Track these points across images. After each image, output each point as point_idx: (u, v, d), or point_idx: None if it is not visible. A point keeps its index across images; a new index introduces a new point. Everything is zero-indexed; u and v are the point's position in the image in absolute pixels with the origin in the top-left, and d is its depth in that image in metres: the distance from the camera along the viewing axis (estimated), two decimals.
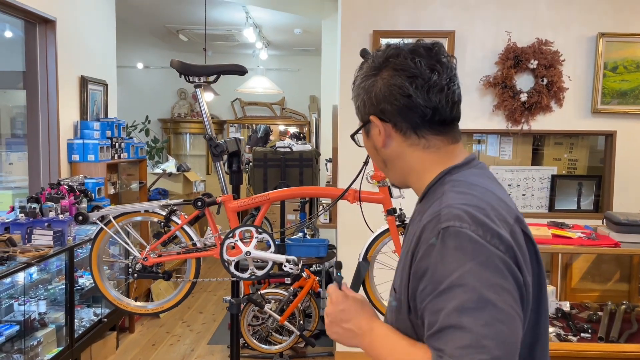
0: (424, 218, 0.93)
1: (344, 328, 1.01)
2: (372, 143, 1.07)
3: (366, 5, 3.42)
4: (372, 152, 1.09)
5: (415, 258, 0.91)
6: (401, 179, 1.09)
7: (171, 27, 6.37)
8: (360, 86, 1.05)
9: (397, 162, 1.06)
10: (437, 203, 0.94)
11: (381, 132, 1.03)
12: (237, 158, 2.14)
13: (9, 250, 2.69)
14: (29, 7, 3.43)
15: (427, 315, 0.86)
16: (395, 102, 0.99)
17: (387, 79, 1.00)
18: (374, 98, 1.02)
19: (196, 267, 1.96)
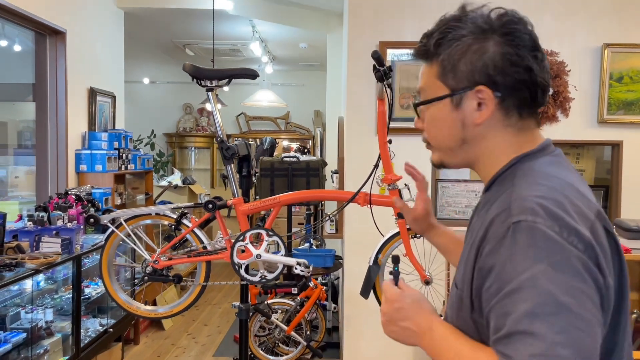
0: (492, 210, 0.86)
1: (401, 327, 0.94)
2: (460, 116, 0.92)
3: (373, 16, 3.46)
4: (452, 128, 0.94)
5: (481, 254, 0.84)
6: (469, 162, 0.97)
7: (178, 42, 6.44)
8: (466, 43, 0.89)
9: (478, 143, 0.94)
10: (507, 194, 0.85)
11: (488, 106, 0.90)
12: (247, 162, 2.15)
13: (17, 257, 2.69)
14: (40, 19, 3.48)
15: (494, 317, 0.78)
16: (514, 74, 0.88)
17: (504, 46, 0.88)
18: (489, 64, 0.88)
19: (206, 271, 1.96)
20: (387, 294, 0.98)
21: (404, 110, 3.43)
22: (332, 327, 4.51)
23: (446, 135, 0.95)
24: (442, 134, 0.96)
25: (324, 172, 3.86)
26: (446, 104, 0.93)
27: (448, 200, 3.55)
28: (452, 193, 3.56)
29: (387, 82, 1.78)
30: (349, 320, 3.55)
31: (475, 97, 0.90)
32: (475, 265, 0.85)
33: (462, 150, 0.96)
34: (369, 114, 3.47)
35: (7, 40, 3.85)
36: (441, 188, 3.55)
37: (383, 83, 1.79)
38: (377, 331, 3.67)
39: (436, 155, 1.01)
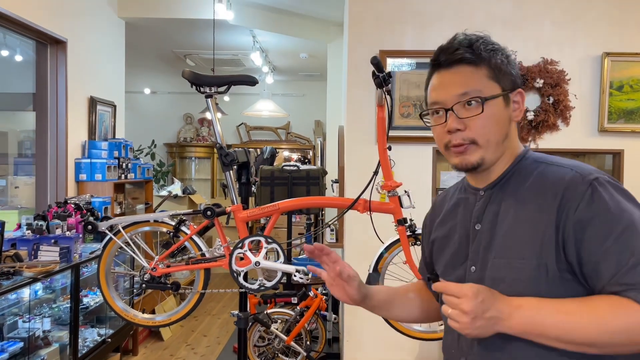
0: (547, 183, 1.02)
1: (487, 318, 0.96)
2: (508, 113, 1.09)
3: (373, 25, 3.47)
4: (503, 123, 1.08)
5: (567, 215, 0.97)
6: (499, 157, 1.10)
7: (179, 52, 6.46)
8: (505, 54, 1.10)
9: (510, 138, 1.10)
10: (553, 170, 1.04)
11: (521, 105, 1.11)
12: (247, 170, 2.14)
13: (15, 266, 2.68)
14: (41, 28, 3.49)
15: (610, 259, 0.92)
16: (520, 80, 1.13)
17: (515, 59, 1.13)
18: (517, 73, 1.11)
19: (205, 278, 1.94)
20: (463, 292, 0.97)
21: (405, 118, 3.43)
22: (333, 337, 4.47)
23: (499, 129, 1.07)
24: (496, 129, 1.07)
25: (324, 181, 3.85)
26: (502, 102, 1.07)
27: None
28: None
29: (387, 88, 1.77)
30: (349, 330, 3.52)
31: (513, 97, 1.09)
32: (558, 229, 0.97)
33: (503, 145, 1.09)
34: (369, 123, 3.47)
35: (8, 50, 3.86)
36: None
37: (382, 89, 1.79)
38: (378, 342, 3.65)
39: (477, 153, 1.07)
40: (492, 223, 1.08)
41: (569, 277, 0.98)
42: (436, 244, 1.24)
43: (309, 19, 5.55)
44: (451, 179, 3.55)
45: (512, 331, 0.97)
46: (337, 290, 1.23)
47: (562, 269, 0.98)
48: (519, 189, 1.06)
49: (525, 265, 1.00)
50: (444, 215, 1.23)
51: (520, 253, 1.01)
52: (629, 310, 0.90)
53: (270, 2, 5.05)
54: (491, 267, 1.05)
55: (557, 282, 0.98)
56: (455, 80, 1.07)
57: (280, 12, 5.35)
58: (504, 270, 1.03)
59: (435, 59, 1.11)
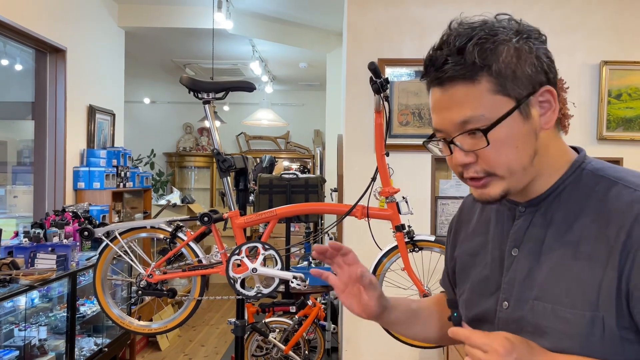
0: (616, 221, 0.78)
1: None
2: (531, 126, 0.82)
3: (371, 33, 3.48)
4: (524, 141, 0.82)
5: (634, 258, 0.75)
6: (532, 179, 0.86)
7: (178, 62, 6.48)
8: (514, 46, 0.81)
9: (545, 154, 0.85)
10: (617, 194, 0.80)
11: (553, 107, 0.84)
12: (244, 177, 2.14)
13: (12, 273, 2.66)
14: (40, 36, 3.50)
15: None
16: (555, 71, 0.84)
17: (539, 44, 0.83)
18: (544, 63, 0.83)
19: (201, 285, 1.93)
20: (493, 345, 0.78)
21: (403, 127, 3.43)
22: (332, 347, 4.43)
23: (521, 152, 0.82)
24: (519, 154, 0.82)
25: (323, 189, 3.84)
26: (516, 118, 0.81)
27: (448, 218, 3.52)
28: (452, 211, 3.53)
29: (384, 94, 1.77)
30: (348, 340, 3.49)
31: (537, 101, 0.82)
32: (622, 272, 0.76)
33: (532, 166, 0.84)
34: (367, 131, 3.46)
35: (7, 59, 3.87)
36: (440, 205, 3.53)
37: (380, 95, 1.79)
38: (377, 352, 3.62)
39: (500, 185, 0.84)
40: (534, 252, 0.86)
41: (631, 337, 0.77)
42: (459, 262, 1.04)
43: (308, 29, 5.57)
44: (451, 188, 3.54)
45: None
46: (350, 299, 1.00)
47: (623, 327, 0.77)
48: (573, 212, 0.84)
49: (575, 317, 0.80)
50: (474, 226, 1.02)
51: (571, 301, 0.80)
52: None
53: (270, 11, 5.08)
54: (530, 311, 0.85)
55: (616, 342, 0.78)
56: (451, 105, 0.82)
57: (279, 22, 5.37)
58: (548, 319, 0.82)
59: (423, 74, 0.87)
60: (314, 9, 4.96)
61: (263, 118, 6.18)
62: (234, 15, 4.80)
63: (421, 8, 3.47)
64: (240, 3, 4.77)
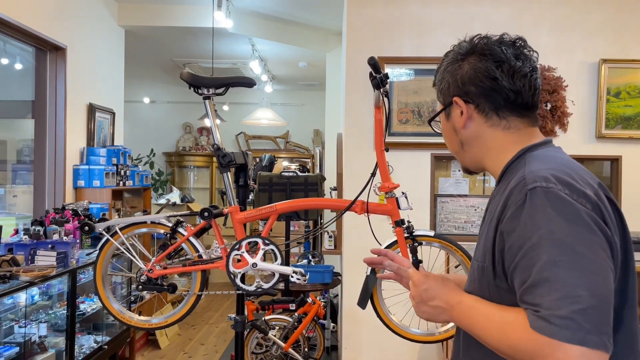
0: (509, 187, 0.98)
1: (431, 306, 1.06)
2: (451, 125, 1.14)
3: (371, 32, 3.48)
4: (450, 135, 1.15)
5: (502, 220, 0.95)
6: (477, 160, 1.14)
7: (178, 61, 6.49)
8: (447, 70, 1.13)
9: (475, 143, 1.12)
10: (521, 172, 0.98)
11: (463, 113, 1.10)
12: (244, 172, 2.14)
13: (12, 270, 2.66)
14: (40, 34, 3.51)
15: (518, 274, 0.90)
16: (481, 83, 1.07)
17: (474, 62, 1.08)
18: (459, 80, 1.10)
19: (202, 280, 1.93)
20: (413, 279, 1.11)
21: (403, 125, 3.44)
22: (331, 346, 4.44)
23: (450, 141, 1.18)
24: (448, 141, 1.18)
25: (323, 188, 3.84)
26: (443, 117, 1.17)
27: (447, 216, 3.53)
28: (451, 209, 3.54)
29: (384, 89, 1.78)
30: (347, 337, 3.50)
31: (456, 107, 1.12)
32: (496, 234, 0.97)
33: (464, 152, 1.15)
34: (367, 130, 3.47)
35: (8, 58, 3.88)
36: (440, 203, 3.54)
37: (380, 90, 1.79)
38: (376, 349, 3.62)
39: (459, 161, 1.21)
40: (482, 225, 1.13)
41: (503, 286, 0.97)
42: None
43: (308, 28, 5.58)
44: (450, 186, 3.55)
45: (454, 321, 1.04)
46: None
47: (497, 276, 0.98)
48: (501, 191, 1.05)
49: (475, 266, 1.06)
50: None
51: (477, 254, 1.07)
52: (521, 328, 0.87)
53: (270, 10, 5.09)
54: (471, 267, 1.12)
55: (493, 288, 0.99)
56: None
57: (279, 21, 5.38)
58: (474, 272, 1.07)
59: None
60: (313, 8, 4.97)
61: (262, 117, 6.19)
62: (233, 14, 4.80)
63: (420, 7, 3.48)
64: (239, 2, 4.78)
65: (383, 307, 1.97)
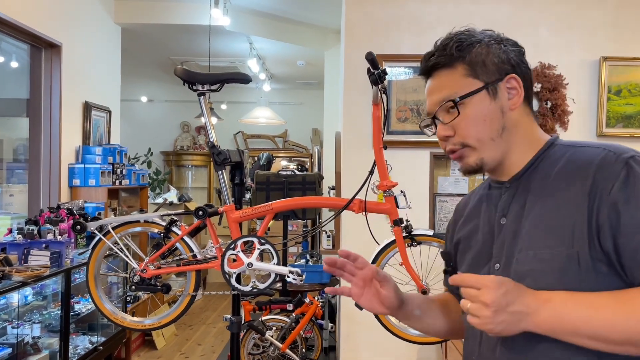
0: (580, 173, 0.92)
1: (510, 312, 0.87)
2: (497, 106, 1.01)
3: (369, 30, 3.45)
4: (493, 117, 1.01)
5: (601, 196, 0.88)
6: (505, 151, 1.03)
7: (175, 59, 6.45)
8: (491, 45, 1.03)
9: (515, 131, 1.02)
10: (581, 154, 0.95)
11: (519, 93, 1.02)
12: (240, 171, 2.10)
13: (5, 270, 2.62)
14: (36, 31, 3.46)
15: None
16: (525, 69, 1.04)
17: (512, 49, 1.04)
18: (512, 59, 1.02)
19: (196, 280, 1.89)
20: (483, 282, 0.88)
21: (402, 123, 3.40)
22: (329, 346, 4.41)
23: (489, 125, 1.01)
24: (486, 126, 1.01)
25: (321, 186, 3.81)
26: (484, 97, 1.01)
27: (446, 215, 3.49)
28: (450, 208, 3.51)
29: (382, 85, 1.74)
30: (346, 338, 3.46)
31: (505, 87, 1.02)
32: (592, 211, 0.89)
33: (502, 139, 1.02)
34: (365, 128, 3.44)
35: (2, 55, 3.84)
36: (439, 202, 3.50)
37: (378, 87, 1.75)
38: (375, 349, 3.58)
39: (474, 155, 1.03)
40: (519, 215, 0.99)
41: (604, 269, 0.88)
42: (460, 246, 1.16)
43: (306, 26, 5.54)
44: (449, 185, 3.51)
45: (539, 329, 0.88)
46: (370, 299, 1.10)
47: (596, 259, 0.88)
48: (547, 177, 0.98)
49: (553, 255, 0.91)
50: (467, 215, 1.16)
51: (548, 243, 0.92)
52: None
53: (267, 8, 5.05)
54: (516, 262, 0.96)
55: (591, 275, 0.88)
56: (435, 87, 1.06)
57: (277, 19, 5.34)
58: (531, 263, 0.94)
59: (420, 69, 1.11)
60: (311, 6, 4.93)
61: (261, 116, 6.15)
62: (231, 12, 4.76)
63: (419, 4, 3.44)
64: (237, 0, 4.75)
65: None
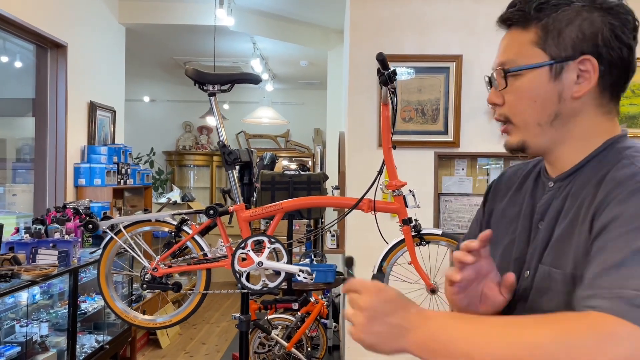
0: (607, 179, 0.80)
1: (388, 324, 0.76)
2: (557, 88, 0.85)
3: (373, 30, 3.47)
4: (548, 100, 0.85)
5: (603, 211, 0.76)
6: (553, 142, 0.89)
7: (178, 59, 6.46)
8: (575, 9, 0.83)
9: (571, 121, 0.86)
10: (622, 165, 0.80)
11: (590, 79, 0.83)
12: (249, 170, 2.12)
13: (13, 269, 2.64)
14: (42, 31, 3.48)
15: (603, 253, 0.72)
16: (618, 50, 0.83)
17: (611, 20, 0.83)
18: (601, 35, 0.82)
19: (206, 279, 1.91)
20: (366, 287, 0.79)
21: (406, 123, 3.42)
22: (333, 345, 4.42)
23: (538, 108, 0.86)
24: (534, 107, 0.87)
25: (325, 186, 3.83)
26: (543, 74, 0.85)
27: (451, 215, 3.51)
28: (455, 208, 3.52)
29: (392, 85, 1.76)
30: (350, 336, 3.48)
31: (576, 68, 0.84)
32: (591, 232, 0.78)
33: (552, 127, 0.87)
34: (370, 128, 3.45)
35: (8, 55, 3.85)
36: (443, 202, 3.52)
37: (387, 87, 1.77)
38: None
39: (517, 135, 0.90)
40: (552, 223, 0.88)
41: None
42: (493, 219, 1.03)
43: (310, 26, 5.56)
44: (454, 185, 3.53)
45: (413, 348, 0.75)
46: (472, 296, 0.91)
47: None
48: (585, 184, 0.85)
49: (559, 276, 0.83)
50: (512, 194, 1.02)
51: (560, 262, 0.83)
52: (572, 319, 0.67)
53: (271, 8, 5.07)
54: (537, 276, 0.88)
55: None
56: (504, 44, 0.91)
57: (280, 19, 5.36)
58: (545, 280, 0.86)
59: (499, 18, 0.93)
60: (315, 6, 4.95)
61: (263, 116, 6.17)
62: (235, 12, 4.78)
63: (423, 4, 3.46)
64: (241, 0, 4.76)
65: None
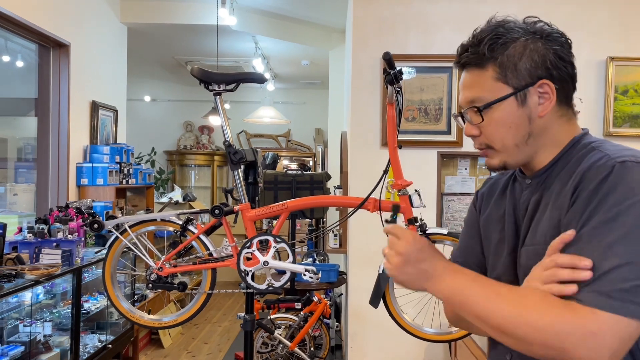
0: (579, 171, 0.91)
1: (418, 268, 0.96)
2: (526, 113, 0.97)
3: (376, 30, 3.46)
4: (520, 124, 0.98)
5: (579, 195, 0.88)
6: (530, 155, 1.01)
7: (180, 59, 6.46)
8: (522, 44, 0.97)
9: (542, 135, 0.99)
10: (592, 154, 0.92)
11: (550, 98, 0.96)
12: (254, 170, 2.12)
13: (17, 268, 2.64)
14: (44, 31, 3.48)
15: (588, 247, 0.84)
16: (563, 68, 0.97)
17: (551, 45, 0.97)
18: (548, 61, 0.96)
19: (212, 278, 1.91)
20: (405, 234, 0.98)
21: (409, 122, 3.42)
22: (335, 345, 4.43)
23: (514, 132, 0.99)
24: (511, 133, 0.99)
25: (327, 186, 3.82)
26: (512, 103, 0.98)
27: (454, 214, 3.51)
28: (457, 207, 3.52)
29: (398, 85, 1.75)
30: (353, 336, 3.48)
31: (536, 91, 0.97)
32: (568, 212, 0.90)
33: (527, 145, 1.00)
34: (372, 128, 3.45)
35: (10, 55, 3.85)
36: (446, 202, 3.52)
37: (393, 86, 1.77)
38: (382, 348, 3.59)
39: (498, 157, 1.03)
40: (532, 213, 1.01)
41: None
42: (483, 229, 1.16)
43: (311, 26, 5.56)
44: (456, 185, 3.53)
45: (438, 294, 0.95)
46: None
47: None
48: (558, 176, 0.98)
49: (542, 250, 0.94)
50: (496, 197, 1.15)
51: (544, 239, 0.95)
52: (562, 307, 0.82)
53: (273, 8, 5.06)
54: (522, 257, 1.01)
55: None
56: (466, 83, 1.03)
57: (282, 18, 5.35)
58: (533, 258, 0.96)
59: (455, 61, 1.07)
60: (316, 5, 4.95)
61: (265, 116, 6.17)
62: (237, 12, 4.78)
63: (426, 4, 3.46)
64: None
65: (395, 306, 1.95)
